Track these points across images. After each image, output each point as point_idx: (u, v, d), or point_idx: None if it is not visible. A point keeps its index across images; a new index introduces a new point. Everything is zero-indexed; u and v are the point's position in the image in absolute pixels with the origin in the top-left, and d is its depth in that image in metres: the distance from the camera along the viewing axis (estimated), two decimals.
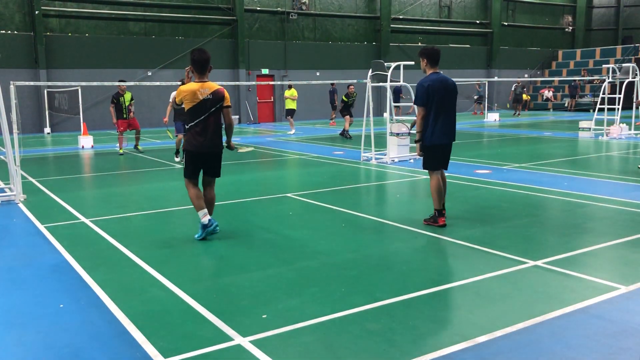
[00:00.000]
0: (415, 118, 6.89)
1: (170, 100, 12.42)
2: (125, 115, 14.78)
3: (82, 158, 14.77)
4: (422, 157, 6.71)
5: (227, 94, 6.17)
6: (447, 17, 34.61)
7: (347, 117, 18.64)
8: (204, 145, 6.06)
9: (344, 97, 18.89)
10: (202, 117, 5.99)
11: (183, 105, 6.06)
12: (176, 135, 13.01)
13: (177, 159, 13.08)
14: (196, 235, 6.16)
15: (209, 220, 6.08)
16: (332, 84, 25.21)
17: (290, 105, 21.39)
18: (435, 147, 6.53)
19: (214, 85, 6.06)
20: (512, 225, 6.56)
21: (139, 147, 15.33)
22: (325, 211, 7.58)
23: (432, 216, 6.62)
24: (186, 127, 6.18)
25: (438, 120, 6.47)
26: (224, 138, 6.38)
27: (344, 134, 18.68)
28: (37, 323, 4.05)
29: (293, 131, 21.06)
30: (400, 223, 6.80)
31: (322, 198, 8.38)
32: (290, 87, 21.49)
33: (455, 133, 6.67)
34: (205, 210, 6.10)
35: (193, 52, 6.10)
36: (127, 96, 14.83)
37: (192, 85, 5.99)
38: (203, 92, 5.96)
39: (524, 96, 32.58)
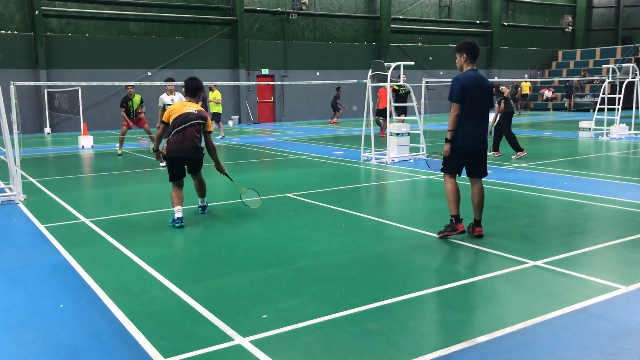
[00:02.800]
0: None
1: (160, 105, 12.47)
2: (132, 116, 14.46)
3: (82, 158, 14.78)
4: (442, 159, 6.12)
5: (210, 120, 7.16)
6: (447, 17, 34.61)
7: (403, 115, 16.75)
8: (182, 150, 6.86)
9: (395, 87, 16.78)
10: (182, 127, 6.87)
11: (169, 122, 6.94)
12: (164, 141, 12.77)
13: (162, 165, 12.55)
14: (169, 222, 6.88)
15: (178, 217, 6.74)
16: (338, 89, 24.78)
17: (215, 109, 19.42)
18: (458, 150, 5.93)
19: (200, 107, 7.07)
20: (512, 225, 6.56)
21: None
22: (325, 211, 7.58)
23: (448, 225, 6.04)
24: (167, 135, 7.04)
25: (468, 122, 5.85)
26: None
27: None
28: (37, 323, 4.05)
29: (221, 136, 19.48)
30: (400, 223, 6.80)
31: (322, 198, 8.38)
32: (212, 89, 19.36)
33: (485, 139, 6.03)
34: (179, 207, 6.81)
35: (186, 81, 7.19)
36: (136, 99, 14.39)
37: (181, 102, 7.07)
38: (189, 107, 6.99)
39: (525, 89, 32.48)
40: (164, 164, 12.78)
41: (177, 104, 7.10)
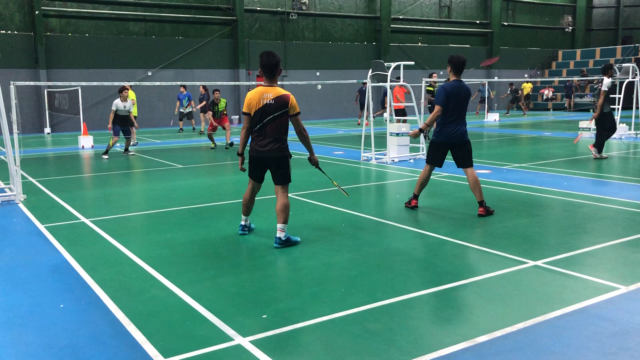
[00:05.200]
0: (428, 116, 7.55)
1: (113, 108, 13.75)
2: (216, 116, 15.59)
3: (82, 158, 14.77)
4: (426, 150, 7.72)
5: (293, 101, 5.89)
6: (447, 17, 34.61)
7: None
8: (261, 150, 5.90)
9: (428, 87, 16.10)
10: (263, 122, 5.83)
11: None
12: (112, 137, 14.13)
13: (104, 157, 13.93)
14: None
15: (241, 225, 6.41)
16: (364, 83, 23.82)
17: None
18: (438, 145, 7.24)
19: (280, 90, 5.85)
20: (512, 225, 6.56)
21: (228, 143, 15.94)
22: (325, 211, 7.58)
23: (409, 200, 7.62)
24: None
25: (448, 122, 7.12)
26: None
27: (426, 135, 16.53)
28: (37, 323, 4.05)
29: (134, 142, 17.40)
30: (400, 223, 6.80)
31: (322, 198, 8.38)
32: (127, 89, 17.24)
33: (463, 135, 7.20)
34: (245, 217, 6.39)
35: (262, 55, 5.95)
36: (222, 103, 15.50)
37: (257, 89, 5.91)
38: (266, 97, 5.80)
39: (526, 89, 32.64)
40: (106, 156, 13.72)
41: (255, 92, 5.88)
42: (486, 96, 28.45)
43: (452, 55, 7.26)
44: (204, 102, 20.96)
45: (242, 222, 6.44)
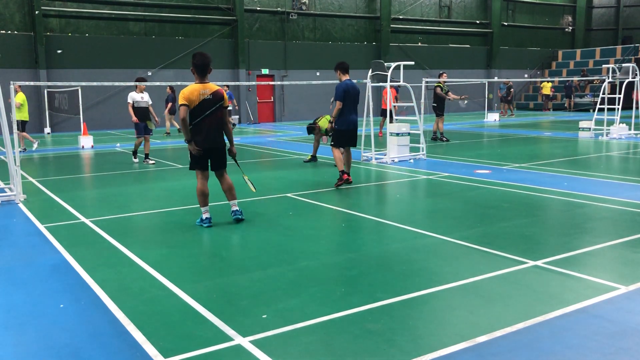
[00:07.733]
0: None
1: (130, 101, 12.73)
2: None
3: (82, 158, 14.77)
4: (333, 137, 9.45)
5: (225, 95, 6.70)
6: (447, 17, 34.61)
7: (442, 116, 16.68)
8: (205, 141, 6.54)
9: (438, 84, 16.39)
10: (203, 116, 6.48)
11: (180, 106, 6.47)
12: (137, 137, 13.06)
13: (135, 160, 13.18)
14: (197, 221, 6.86)
15: (207, 218, 6.73)
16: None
17: (17, 114, 15.26)
18: (341, 131, 9.24)
19: (214, 86, 6.57)
20: (512, 225, 6.56)
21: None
22: (325, 211, 7.57)
23: (339, 178, 9.19)
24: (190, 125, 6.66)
25: (345, 113, 9.19)
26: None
27: (440, 137, 16.58)
28: (37, 323, 4.05)
29: (22, 148, 15.88)
30: (400, 223, 6.80)
31: (322, 198, 8.38)
32: (16, 90, 15.72)
33: (356, 123, 9.37)
34: (206, 208, 6.74)
35: (194, 56, 6.56)
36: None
37: (194, 86, 6.49)
38: (204, 93, 6.46)
39: (545, 88, 32.73)
40: (136, 160, 13.04)
41: (191, 88, 6.44)
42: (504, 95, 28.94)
43: (340, 61, 9.50)
44: (170, 104, 20.95)
45: (205, 215, 6.72)
